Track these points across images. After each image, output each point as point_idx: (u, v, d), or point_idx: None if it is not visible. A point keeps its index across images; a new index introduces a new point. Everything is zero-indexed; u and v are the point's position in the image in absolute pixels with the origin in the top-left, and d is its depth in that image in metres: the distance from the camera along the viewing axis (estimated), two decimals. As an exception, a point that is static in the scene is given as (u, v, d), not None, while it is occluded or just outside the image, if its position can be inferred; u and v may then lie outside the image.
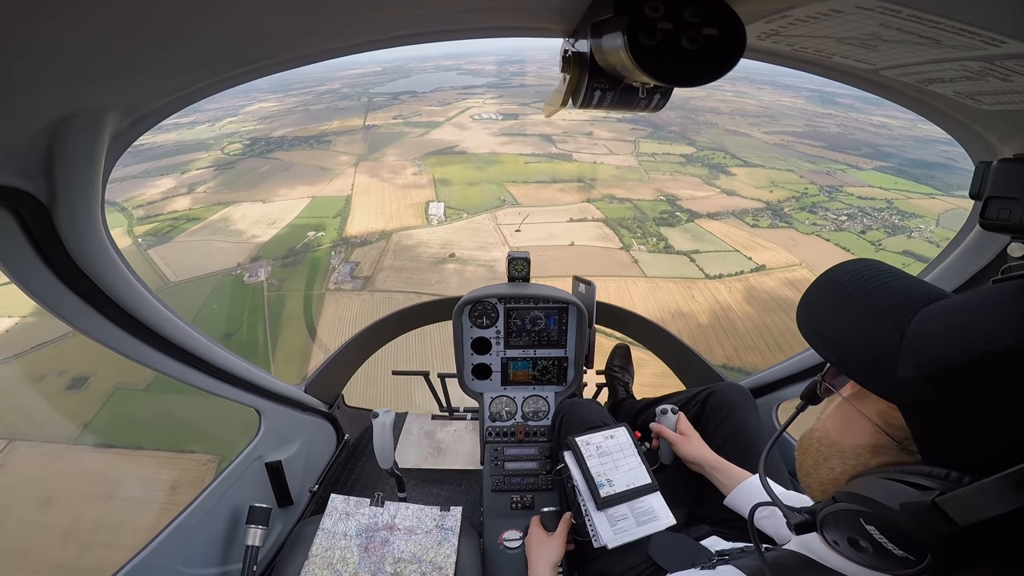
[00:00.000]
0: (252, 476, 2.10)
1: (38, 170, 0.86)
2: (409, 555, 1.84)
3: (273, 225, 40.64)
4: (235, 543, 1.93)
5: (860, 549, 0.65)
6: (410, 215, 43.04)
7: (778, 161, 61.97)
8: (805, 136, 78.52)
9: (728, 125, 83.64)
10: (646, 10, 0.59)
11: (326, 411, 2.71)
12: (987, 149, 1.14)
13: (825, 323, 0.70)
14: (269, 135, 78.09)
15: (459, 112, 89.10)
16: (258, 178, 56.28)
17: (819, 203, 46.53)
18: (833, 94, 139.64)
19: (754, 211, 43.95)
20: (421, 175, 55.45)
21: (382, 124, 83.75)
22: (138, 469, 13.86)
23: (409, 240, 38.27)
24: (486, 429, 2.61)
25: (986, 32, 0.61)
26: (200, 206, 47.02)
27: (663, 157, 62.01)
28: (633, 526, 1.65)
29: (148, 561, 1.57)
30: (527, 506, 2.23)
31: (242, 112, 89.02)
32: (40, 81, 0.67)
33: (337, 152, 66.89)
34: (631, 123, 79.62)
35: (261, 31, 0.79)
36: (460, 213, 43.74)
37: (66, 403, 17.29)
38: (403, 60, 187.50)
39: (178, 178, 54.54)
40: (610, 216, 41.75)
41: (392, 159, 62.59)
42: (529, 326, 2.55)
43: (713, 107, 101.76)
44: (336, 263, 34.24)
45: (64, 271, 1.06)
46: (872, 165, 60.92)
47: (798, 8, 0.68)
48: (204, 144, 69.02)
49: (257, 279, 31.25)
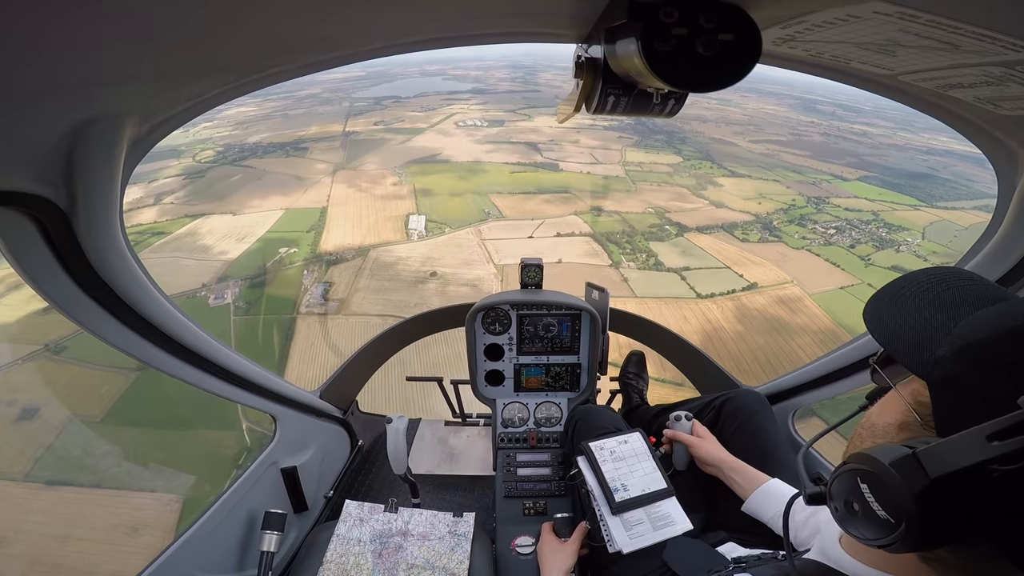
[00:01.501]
0: (268, 482, 2.11)
1: (58, 177, 0.86)
2: (422, 561, 1.85)
3: (243, 240, 38.73)
4: (251, 549, 1.93)
5: (852, 513, 0.65)
6: (389, 229, 41.36)
7: (764, 171, 62.18)
8: (790, 145, 79.27)
9: (714, 133, 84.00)
10: (660, 16, 0.59)
11: (341, 417, 2.71)
12: (1008, 154, 1.11)
13: (888, 313, 0.72)
14: (244, 141, 75.67)
15: (443, 118, 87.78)
16: (229, 188, 54.13)
17: (807, 215, 46.66)
18: (814, 101, 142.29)
19: (743, 224, 43.59)
20: (401, 185, 53.79)
21: (362, 130, 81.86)
22: (94, 509, 12.96)
23: (388, 256, 36.58)
24: (499, 435, 2.60)
25: (1007, 37, 0.60)
26: (167, 219, 44.92)
27: (650, 167, 61.67)
28: (649, 531, 1.65)
29: (165, 567, 1.59)
30: (540, 512, 2.24)
31: (218, 117, 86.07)
32: (58, 87, 0.67)
33: (314, 160, 64.81)
34: (617, 131, 79.26)
35: (278, 37, 0.80)
36: (442, 227, 42.23)
37: (14, 436, 16.15)
38: (387, 64, 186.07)
39: (146, 187, 52.06)
40: (598, 230, 40.84)
41: (371, 167, 60.75)
42: (542, 332, 2.55)
43: (698, 115, 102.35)
44: (308, 283, 32.39)
45: (83, 277, 1.08)
46: (856, 175, 61.96)
47: (815, 13, 0.68)
48: (176, 151, 66.13)
49: (223, 302, 29.37)
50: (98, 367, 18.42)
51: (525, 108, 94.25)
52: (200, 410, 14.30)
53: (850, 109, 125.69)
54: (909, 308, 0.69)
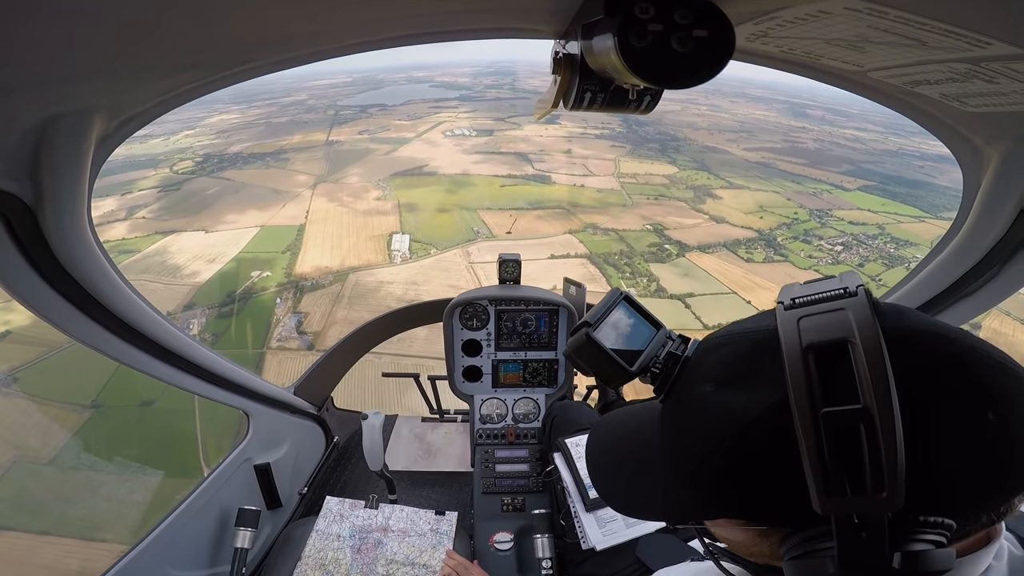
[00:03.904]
0: (241, 478, 2.10)
1: (23, 172, 0.86)
2: (402, 557, 1.87)
3: (213, 262, 36.05)
4: (224, 545, 1.93)
5: None
6: (370, 250, 38.74)
7: (762, 181, 60.81)
8: (785, 152, 78.28)
9: (707, 141, 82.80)
10: (636, 12, 0.59)
11: (315, 413, 2.69)
12: (973, 150, 1.15)
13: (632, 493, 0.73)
14: (224, 151, 72.90)
15: (430, 127, 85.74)
16: (204, 202, 51.41)
17: (812, 230, 45.30)
18: (803, 105, 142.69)
19: (747, 242, 41.78)
20: (385, 199, 51.24)
21: (346, 140, 79.44)
22: (36, 558, 11.72)
23: (368, 281, 33.96)
24: (476, 431, 2.63)
25: (972, 33, 0.62)
26: (137, 235, 42.44)
27: (645, 178, 59.84)
28: (622, 528, 1.68)
29: (135, 563, 1.59)
30: (518, 508, 2.26)
31: (200, 125, 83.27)
32: (25, 81, 0.67)
33: (294, 172, 62.22)
34: (610, 140, 77.67)
35: (251, 32, 0.80)
36: (427, 248, 39.66)
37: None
38: (374, 71, 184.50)
39: (120, 199, 49.38)
40: (595, 251, 38.65)
41: (354, 180, 58.21)
42: (520, 328, 2.57)
43: (690, 122, 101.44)
44: (282, 313, 29.62)
45: (50, 273, 1.07)
46: (856, 184, 61.13)
47: (787, 9, 0.69)
48: (155, 160, 63.34)
49: (188, 333, 26.54)
50: (51, 402, 17.44)
51: (514, 116, 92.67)
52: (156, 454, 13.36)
53: (839, 113, 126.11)
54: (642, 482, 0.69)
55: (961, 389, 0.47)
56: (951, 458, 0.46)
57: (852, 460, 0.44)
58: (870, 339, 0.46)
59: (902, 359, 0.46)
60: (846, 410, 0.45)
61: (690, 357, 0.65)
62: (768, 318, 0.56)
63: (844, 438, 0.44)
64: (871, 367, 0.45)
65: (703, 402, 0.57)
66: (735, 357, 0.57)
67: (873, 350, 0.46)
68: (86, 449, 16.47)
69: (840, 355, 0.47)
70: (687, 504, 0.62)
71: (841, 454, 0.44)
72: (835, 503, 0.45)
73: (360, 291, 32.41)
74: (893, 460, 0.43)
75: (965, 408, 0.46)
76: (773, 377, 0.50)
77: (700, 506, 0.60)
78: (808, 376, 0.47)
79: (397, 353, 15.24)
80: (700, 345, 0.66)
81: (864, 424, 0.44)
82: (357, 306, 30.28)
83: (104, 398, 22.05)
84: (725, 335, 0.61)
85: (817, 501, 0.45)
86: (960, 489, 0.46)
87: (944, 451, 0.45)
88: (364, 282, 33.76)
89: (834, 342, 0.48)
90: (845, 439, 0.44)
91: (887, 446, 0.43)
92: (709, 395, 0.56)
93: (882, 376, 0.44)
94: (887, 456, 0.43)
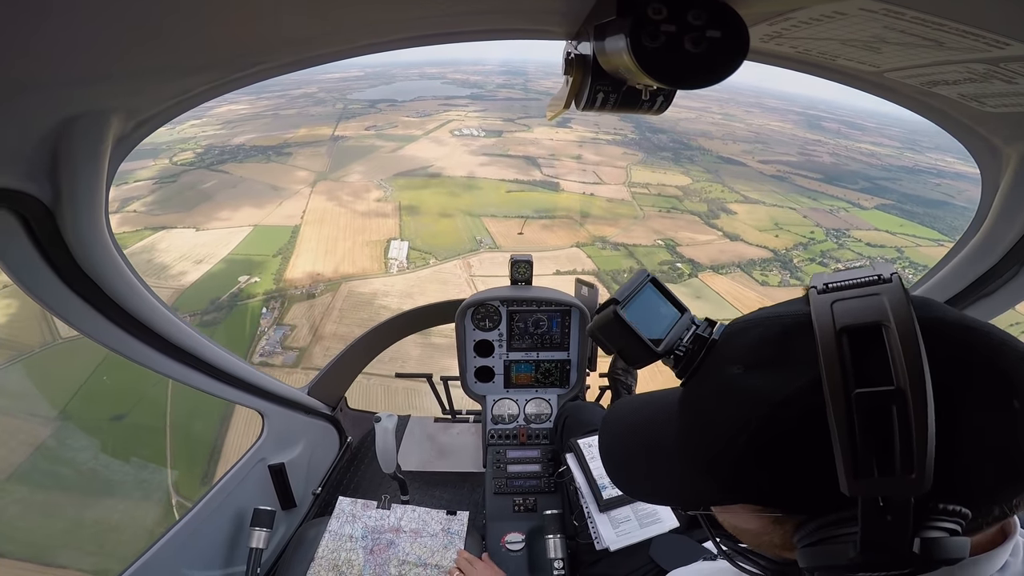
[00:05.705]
0: (255, 478, 2.11)
1: (42, 173, 0.88)
2: (414, 558, 1.87)
3: (201, 263, 34.45)
4: (239, 545, 1.94)
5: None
6: (366, 257, 37.17)
7: (778, 196, 58.73)
8: (801, 167, 76.26)
9: (721, 151, 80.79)
10: (649, 12, 0.59)
11: (329, 414, 2.68)
12: (992, 151, 1.15)
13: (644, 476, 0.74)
14: (227, 142, 71.36)
15: (439, 125, 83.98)
16: (199, 196, 49.87)
17: (828, 251, 43.71)
18: (819, 117, 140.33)
19: (761, 262, 40.06)
20: (386, 201, 49.68)
21: (352, 135, 77.81)
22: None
23: (361, 292, 32.37)
24: (488, 432, 2.61)
25: (990, 34, 0.61)
26: (126, 230, 40.90)
27: (657, 188, 57.86)
28: (636, 528, 1.69)
29: (151, 564, 1.59)
30: (529, 508, 2.25)
31: (208, 114, 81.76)
32: (44, 82, 0.68)
33: (295, 167, 60.61)
34: (622, 146, 75.71)
35: (264, 34, 0.81)
36: (426, 257, 38.00)
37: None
38: (387, 65, 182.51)
39: (115, 190, 46.94)
40: (604, 268, 36.93)
41: (356, 178, 56.55)
42: (532, 329, 2.54)
43: (704, 130, 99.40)
44: (267, 325, 27.93)
45: (67, 274, 1.08)
46: (874, 203, 59.21)
47: (802, 10, 0.69)
48: (156, 150, 61.71)
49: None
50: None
51: (524, 118, 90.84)
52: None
53: (854, 127, 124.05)
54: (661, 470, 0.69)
55: (989, 378, 0.47)
56: (973, 446, 0.46)
57: (882, 442, 0.45)
58: (904, 323, 0.47)
59: (931, 347, 0.46)
60: (879, 391, 0.45)
61: (716, 340, 0.64)
62: (796, 304, 0.57)
63: (876, 419, 0.45)
64: (905, 350, 0.45)
65: (729, 384, 0.57)
66: (764, 340, 0.56)
67: (908, 334, 0.46)
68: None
69: (874, 338, 0.47)
70: (704, 490, 0.62)
71: (872, 435, 0.45)
72: (863, 484, 0.45)
73: (352, 303, 30.71)
74: (924, 442, 0.43)
75: (991, 397, 0.47)
76: (803, 360, 0.50)
77: (717, 491, 0.60)
78: (842, 357, 0.47)
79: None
80: (727, 328, 0.65)
81: (897, 405, 0.45)
82: (348, 320, 28.58)
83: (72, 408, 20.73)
84: (753, 318, 0.61)
85: (845, 482, 0.45)
86: (977, 478, 0.47)
87: (967, 439, 0.46)
88: (357, 292, 32.14)
89: (869, 325, 0.48)
90: (877, 420, 0.45)
91: (919, 428, 0.43)
92: (736, 377, 0.56)
93: (916, 358, 0.45)
94: (918, 438, 0.44)
